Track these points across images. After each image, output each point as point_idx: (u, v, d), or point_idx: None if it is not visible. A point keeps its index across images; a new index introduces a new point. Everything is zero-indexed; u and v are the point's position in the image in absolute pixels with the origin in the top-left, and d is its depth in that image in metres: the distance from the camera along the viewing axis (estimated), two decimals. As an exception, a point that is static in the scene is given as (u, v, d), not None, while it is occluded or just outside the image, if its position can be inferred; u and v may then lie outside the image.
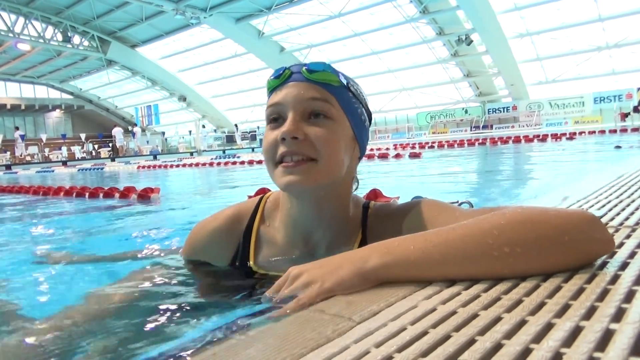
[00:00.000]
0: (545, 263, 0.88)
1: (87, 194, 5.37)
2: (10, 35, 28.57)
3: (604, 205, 1.60)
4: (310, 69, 1.10)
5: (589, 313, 0.70)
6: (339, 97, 1.11)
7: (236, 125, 37.46)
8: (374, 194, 2.86)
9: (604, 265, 0.93)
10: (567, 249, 0.88)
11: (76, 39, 31.89)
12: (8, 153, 28.40)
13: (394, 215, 1.17)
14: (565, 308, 0.73)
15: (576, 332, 0.64)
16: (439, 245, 0.88)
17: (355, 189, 1.23)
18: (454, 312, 0.74)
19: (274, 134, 1.08)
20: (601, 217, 1.41)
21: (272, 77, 1.13)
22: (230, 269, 1.26)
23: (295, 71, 1.11)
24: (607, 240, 0.92)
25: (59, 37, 30.60)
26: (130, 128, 33.88)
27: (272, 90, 1.13)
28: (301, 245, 1.17)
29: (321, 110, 1.08)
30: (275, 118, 1.10)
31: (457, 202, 2.05)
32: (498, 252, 0.86)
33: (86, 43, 32.59)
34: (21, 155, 26.97)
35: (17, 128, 30.15)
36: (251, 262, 1.23)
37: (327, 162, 1.06)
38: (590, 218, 0.90)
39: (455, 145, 14.23)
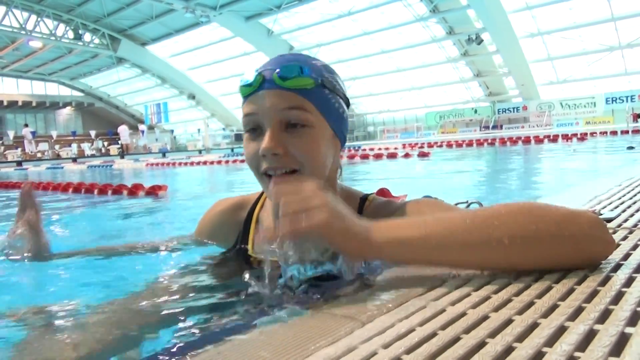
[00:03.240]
0: (543, 256, 0.87)
1: (96, 191, 5.39)
2: (23, 32, 28.85)
3: (616, 207, 1.57)
4: (282, 75, 1.03)
5: (603, 316, 0.68)
6: (315, 100, 1.07)
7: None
8: (382, 193, 2.84)
9: (617, 267, 0.91)
10: (566, 245, 0.87)
11: (87, 37, 32.13)
12: (19, 149, 28.66)
13: (392, 209, 1.17)
14: (579, 311, 0.71)
15: (590, 335, 0.62)
16: (438, 231, 0.88)
17: (339, 176, 1.23)
18: (463, 314, 0.73)
19: (254, 146, 1.07)
20: (614, 218, 1.39)
21: (243, 84, 1.07)
22: (231, 262, 1.27)
23: (268, 77, 1.05)
24: (607, 241, 0.91)
25: (70, 34, 30.84)
26: (138, 126, 34.09)
27: (245, 96, 1.09)
28: None
29: (298, 120, 1.04)
30: (253, 128, 1.08)
31: (467, 201, 2.03)
32: (497, 242, 0.85)
33: (97, 41, 32.82)
34: (31, 152, 27.23)
35: (26, 125, 30.46)
36: (249, 247, 1.27)
37: (310, 170, 1.06)
38: (593, 218, 0.90)
39: (464, 145, 14.15)
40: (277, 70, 1.04)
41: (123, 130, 27.07)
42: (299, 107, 1.04)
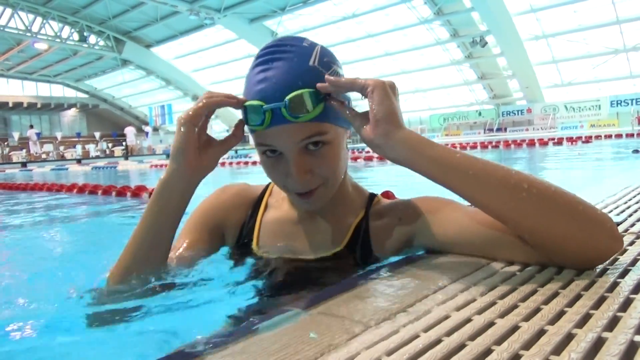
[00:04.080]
0: (553, 220, 0.87)
1: (99, 192, 5.40)
2: (28, 34, 28.97)
3: (623, 211, 1.56)
4: (293, 114, 0.97)
5: (612, 323, 0.67)
6: (327, 118, 1.03)
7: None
8: (387, 195, 2.82)
9: (625, 273, 0.90)
10: (577, 218, 0.87)
11: (92, 39, 32.23)
12: (24, 151, 28.78)
13: (397, 204, 1.21)
14: (586, 317, 0.70)
15: (599, 343, 0.61)
16: (463, 159, 0.94)
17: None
18: (469, 320, 0.72)
19: (277, 167, 1.05)
20: (621, 223, 1.38)
21: (253, 124, 1.02)
22: (233, 259, 1.25)
23: (277, 113, 0.98)
24: (615, 235, 0.90)
25: (75, 36, 30.94)
26: (143, 127, 34.19)
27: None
28: (303, 210, 1.21)
29: (317, 141, 1.03)
30: (272, 151, 1.05)
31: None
32: (515, 184, 0.89)
33: (102, 43, 32.94)
34: (36, 153, 27.33)
35: (31, 126, 30.58)
36: (254, 242, 1.24)
37: (334, 180, 1.10)
38: (606, 215, 0.90)
39: (468, 148, 14.12)
40: (285, 104, 0.97)
41: (129, 131, 27.15)
42: (316, 134, 1.01)
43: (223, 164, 13.03)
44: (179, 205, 1.08)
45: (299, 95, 0.98)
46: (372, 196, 1.27)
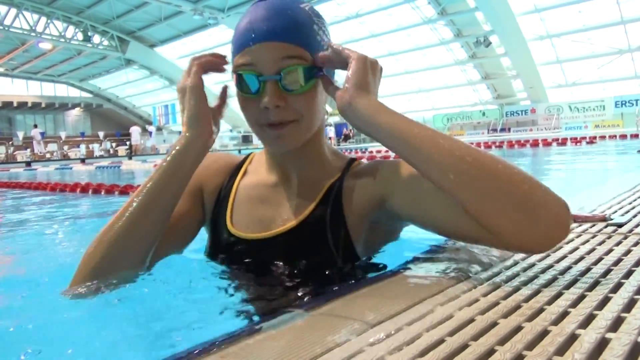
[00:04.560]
0: (487, 194, 0.86)
1: (103, 191, 5.42)
2: (33, 34, 29.07)
3: (627, 212, 1.55)
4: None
5: (616, 324, 0.67)
6: (310, 47, 1.08)
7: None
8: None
9: (629, 274, 0.90)
10: (515, 196, 0.85)
11: (96, 39, 32.33)
12: (28, 150, 28.89)
13: (375, 164, 1.20)
14: (590, 318, 0.70)
15: (602, 344, 0.61)
16: (417, 129, 0.95)
17: (326, 116, 1.25)
18: (472, 320, 0.72)
19: (254, 102, 1.08)
20: (625, 224, 1.37)
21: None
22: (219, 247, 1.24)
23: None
24: (560, 222, 0.85)
25: (80, 36, 31.04)
26: (147, 127, 34.28)
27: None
28: (279, 173, 1.23)
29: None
30: (251, 91, 1.09)
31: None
32: (460, 156, 0.89)
33: (106, 42, 33.02)
34: (40, 153, 27.42)
35: (35, 126, 30.69)
36: (227, 216, 1.23)
37: (308, 120, 1.11)
38: (560, 200, 0.87)
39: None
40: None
41: (135, 130, 27.20)
42: (295, 57, 1.05)
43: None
44: (189, 173, 1.10)
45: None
46: (353, 160, 1.26)
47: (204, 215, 1.28)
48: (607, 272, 0.91)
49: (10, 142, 31.92)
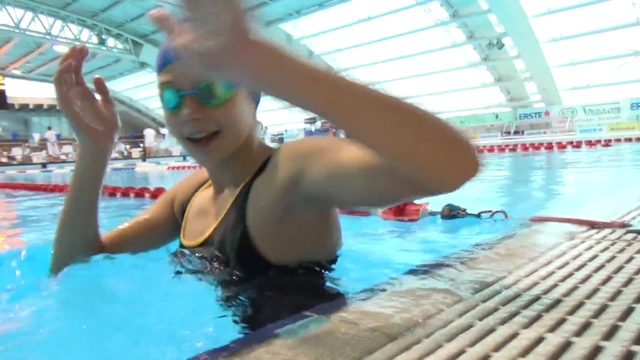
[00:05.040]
0: (397, 123, 0.81)
1: (118, 194, 5.47)
2: (48, 37, 29.52)
3: (647, 218, 1.53)
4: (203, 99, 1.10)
5: (610, 333, 0.66)
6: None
7: (265, 128, 37.63)
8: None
9: (629, 282, 0.89)
10: (425, 127, 0.82)
11: (110, 42, 32.73)
12: (44, 152, 29.26)
13: (279, 149, 1.15)
14: (586, 326, 0.69)
15: (596, 352, 0.60)
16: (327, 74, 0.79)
17: (262, 129, 1.21)
18: (492, 330, 0.71)
19: (175, 116, 1.12)
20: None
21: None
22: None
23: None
24: (477, 157, 0.79)
25: (94, 39, 31.44)
26: (160, 129, 34.54)
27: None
28: (215, 184, 1.29)
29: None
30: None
31: (490, 211, 2.00)
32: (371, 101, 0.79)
33: (120, 46, 33.41)
34: (55, 155, 27.75)
35: (49, 128, 31.08)
36: (187, 210, 1.35)
37: (230, 131, 1.12)
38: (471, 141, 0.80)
39: (485, 151, 13.99)
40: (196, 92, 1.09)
41: (149, 133, 27.44)
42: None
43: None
44: (96, 171, 1.24)
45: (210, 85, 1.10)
46: (274, 151, 1.18)
47: (175, 224, 1.39)
48: (629, 281, 0.90)
49: (26, 144, 32.36)
